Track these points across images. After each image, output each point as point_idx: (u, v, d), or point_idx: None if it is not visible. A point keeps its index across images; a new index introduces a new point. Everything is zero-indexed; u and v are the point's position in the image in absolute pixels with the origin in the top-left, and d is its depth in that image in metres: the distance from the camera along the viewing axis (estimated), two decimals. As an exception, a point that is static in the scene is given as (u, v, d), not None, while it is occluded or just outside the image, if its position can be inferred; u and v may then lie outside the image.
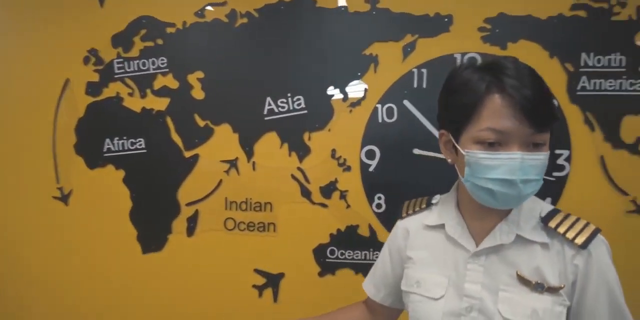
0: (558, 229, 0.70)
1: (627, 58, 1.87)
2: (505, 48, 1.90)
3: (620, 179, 1.92)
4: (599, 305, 0.67)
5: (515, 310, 0.67)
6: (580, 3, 1.87)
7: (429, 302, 0.76)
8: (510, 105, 0.63)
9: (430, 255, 0.80)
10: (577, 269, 0.68)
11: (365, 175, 1.99)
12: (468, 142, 0.69)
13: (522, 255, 0.70)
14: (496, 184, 0.65)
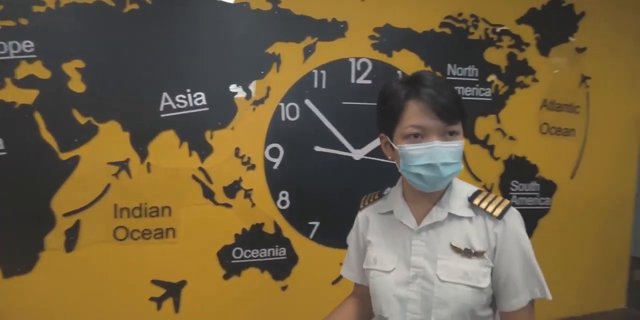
0: (480, 205, 0.84)
1: (479, 70, 2.30)
2: (391, 55, 2.14)
3: (475, 169, 2.35)
4: (514, 263, 0.82)
5: (450, 274, 0.81)
6: (446, 22, 2.22)
7: (383, 275, 0.88)
8: (425, 106, 0.78)
9: (384, 237, 0.93)
10: (497, 236, 0.82)
11: (269, 173, 2.01)
12: (399, 139, 0.83)
13: (453, 229, 0.84)
14: (422, 168, 0.79)
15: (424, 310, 0.83)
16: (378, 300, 0.89)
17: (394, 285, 0.86)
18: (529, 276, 0.83)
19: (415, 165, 0.80)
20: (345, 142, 2.11)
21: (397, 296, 0.85)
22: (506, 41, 2.34)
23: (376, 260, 0.92)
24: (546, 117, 2.47)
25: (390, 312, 0.86)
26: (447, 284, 0.80)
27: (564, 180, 2.55)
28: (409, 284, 0.84)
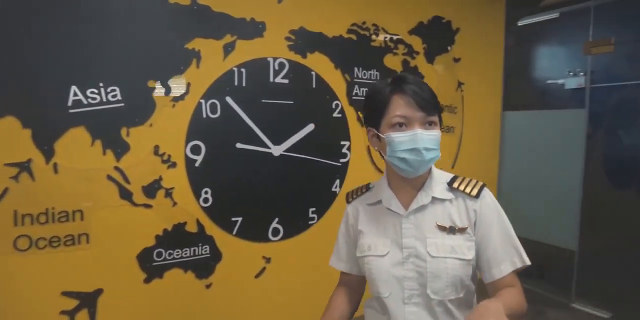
0: (459, 187, 0.95)
1: (380, 73, 2.57)
2: (306, 57, 2.27)
3: (379, 162, 2.62)
4: (492, 233, 0.92)
5: (438, 249, 0.91)
6: (352, 29, 2.43)
7: (378, 259, 0.96)
8: (408, 99, 0.89)
9: (375, 225, 1.01)
10: (475, 212, 0.93)
11: (191, 170, 1.98)
12: (385, 129, 0.92)
13: (437, 210, 0.95)
14: (407, 153, 0.89)
15: (420, 285, 0.91)
16: (376, 282, 0.96)
17: (390, 266, 0.94)
18: (507, 246, 0.92)
19: (400, 150, 0.89)
20: (265, 138, 2.17)
21: (395, 276, 0.93)
22: (401, 49, 2.65)
23: (370, 247, 0.99)
24: (432, 116, 2.86)
25: (390, 292, 0.94)
26: (438, 259, 0.90)
27: (447, 169, 2.97)
28: (404, 264, 0.93)
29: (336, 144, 2.44)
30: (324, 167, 2.39)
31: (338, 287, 1.14)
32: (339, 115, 2.42)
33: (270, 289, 2.25)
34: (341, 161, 2.46)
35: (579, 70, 4.01)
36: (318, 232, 2.38)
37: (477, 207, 0.93)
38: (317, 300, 2.40)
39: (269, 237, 2.24)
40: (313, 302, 2.39)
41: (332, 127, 2.41)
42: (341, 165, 2.46)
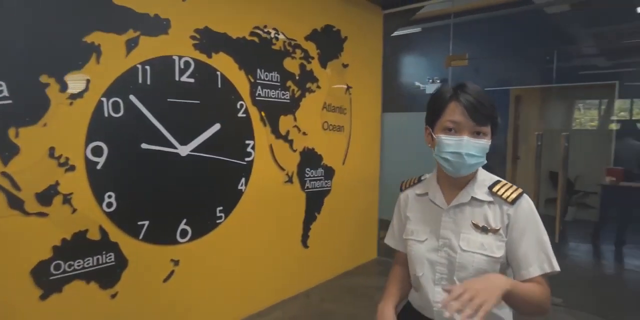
0: (498, 192, 1.03)
1: (280, 76, 2.69)
2: (211, 57, 2.27)
3: (280, 160, 2.75)
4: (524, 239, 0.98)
5: (469, 245, 1.01)
6: (255, 31, 2.51)
7: (418, 244, 1.10)
8: (462, 108, 0.98)
9: (420, 214, 1.13)
10: (509, 217, 1.00)
11: (92, 174, 1.84)
12: (438, 130, 1.03)
13: (475, 210, 1.04)
14: (451, 155, 0.99)
15: (449, 271, 1.04)
16: (413, 262, 1.11)
17: (426, 251, 1.08)
18: (538, 251, 0.98)
19: (446, 152, 1.00)
20: (171, 138, 2.12)
21: (429, 260, 1.07)
22: (298, 53, 2.81)
23: (413, 232, 1.13)
24: (326, 117, 3.10)
25: (423, 272, 1.08)
26: (467, 253, 1.01)
27: (339, 166, 3.27)
28: (438, 251, 1.06)
29: (241, 143, 2.49)
30: (230, 166, 2.43)
31: (395, 266, 1.28)
32: (244, 115, 2.48)
33: (180, 292, 2.21)
34: (246, 160, 2.52)
35: (436, 78, 4.71)
36: (226, 231, 2.41)
37: (511, 212, 1.01)
38: (227, 299, 2.45)
39: (177, 239, 2.20)
40: (223, 302, 2.43)
41: (237, 126, 2.45)
42: (246, 163, 2.53)
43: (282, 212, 2.81)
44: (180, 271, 2.21)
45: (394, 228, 1.26)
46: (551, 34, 4.48)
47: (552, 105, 5.95)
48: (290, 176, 2.85)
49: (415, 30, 4.32)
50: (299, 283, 3.01)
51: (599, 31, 4.70)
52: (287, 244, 2.88)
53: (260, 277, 2.68)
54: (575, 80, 4.74)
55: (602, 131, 5.32)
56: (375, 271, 3.53)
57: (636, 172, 3.96)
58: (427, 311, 1.10)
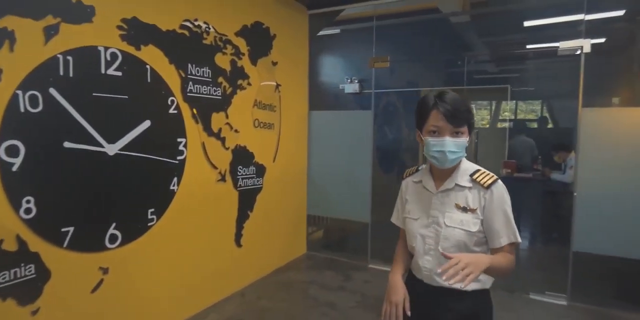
0: (477, 179, 1.24)
1: (211, 71, 2.61)
2: (140, 49, 2.13)
3: (213, 158, 2.68)
4: (495, 217, 1.21)
5: (452, 221, 1.24)
6: (185, 24, 2.40)
7: (412, 221, 1.33)
8: (441, 115, 1.19)
9: (415, 197, 1.36)
10: (485, 199, 1.23)
11: (6, 176, 1.63)
12: (425, 133, 1.24)
13: (458, 194, 1.26)
14: (437, 153, 1.21)
15: (435, 242, 1.27)
16: (410, 236, 1.34)
17: (419, 227, 1.31)
18: (507, 227, 1.23)
19: (433, 150, 1.22)
20: (97, 136, 1.96)
21: (420, 234, 1.30)
22: (229, 49, 2.76)
23: (409, 211, 1.35)
24: (257, 114, 3.08)
25: (416, 243, 1.31)
26: (449, 228, 1.25)
27: (269, 163, 3.27)
28: (428, 227, 1.29)
29: (173, 141, 2.38)
30: (161, 166, 2.31)
31: (400, 241, 1.46)
32: (175, 112, 2.37)
33: (110, 301, 2.06)
34: (178, 158, 2.42)
35: (354, 78, 4.91)
36: (159, 233, 2.29)
37: (487, 196, 1.23)
38: (161, 304, 2.33)
39: (106, 245, 2.03)
40: (157, 308, 2.31)
41: (168, 124, 2.34)
42: (178, 162, 2.42)
43: (216, 211, 2.74)
44: (110, 279, 2.05)
45: (398, 208, 1.45)
46: (457, 41, 4.95)
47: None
48: (223, 175, 2.78)
49: (338, 31, 4.47)
50: (234, 282, 2.96)
51: (494, 40, 5.30)
52: (221, 243, 2.82)
53: (195, 279, 2.59)
54: (475, 83, 5.29)
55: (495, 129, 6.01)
56: (306, 266, 3.61)
57: (527, 164, 4.57)
58: (418, 272, 1.34)
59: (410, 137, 5.81)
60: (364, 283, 3.24)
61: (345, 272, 3.45)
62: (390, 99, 5.31)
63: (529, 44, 5.20)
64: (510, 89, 4.74)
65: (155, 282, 2.31)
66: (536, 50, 5.08)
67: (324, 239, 4.18)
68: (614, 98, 4.33)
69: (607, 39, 4.15)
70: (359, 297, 2.96)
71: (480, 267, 1.05)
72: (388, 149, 5.29)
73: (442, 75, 5.74)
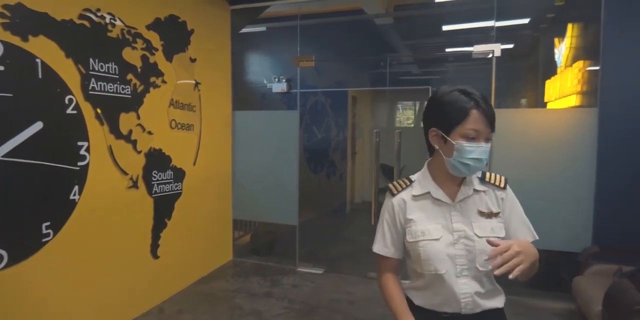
0: (490, 181, 1.15)
1: (119, 67, 2.37)
2: (27, 40, 1.86)
3: (122, 163, 2.44)
4: (514, 217, 1.14)
5: (482, 231, 1.10)
6: (85, 15, 2.15)
7: (434, 242, 1.11)
8: (482, 116, 1.04)
9: (424, 214, 1.14)
10: (502, 200, 1.15)
11: None
12: (456, 136, 1.05)
13: (477, 200, 1.14)
14: (471, 160, 1.05)
15: (468, 261, 1.09)
16: (433, 261, 1.10)
17: (444, 247, 1.10)
18: (524, 226, 1.16)
19: (468, 157, 1.05)
20: (-28, 141, 1.67)
21: (449, 255, 1.10)
22: (140, 43, 2.52)
23: (424, 232, 1.12)
24: (174, 114, 2.87)
25: (446, 268, 1.09)
26: (483, 239, 1.08)
27: (189, 167, 3.07)
28: (455, 245, 1.10)
29: (72, 145, 2.12)
30: (58, 173, 2.04)
31: (387, 274, 1.22)
32: (74, 112, 2.11)
33: (-6, 332, 1.77)
34: (79, 164, 2.16)
35: (282, 77, 4.83)
36: (57, 249, 2.03)
37: (503, 196, 1.15)
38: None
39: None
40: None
41: (65, 125, 2.07)
42: (79, 169, 2.16)
43: (127, 221, 2.50)
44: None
45: (386, 236, 1.21)
46: (381, 42, 5.05)
47: (381, 105, 6.74)
48: (134, 181, 2.55)
49: (263, 29, 4.34)
50: (151, 297, 2.73)
51: (415, 43, 5.50)
52: (134, 256, 2.58)
53: (105, 297, 2.34)
54: (399, 84, 5.44)
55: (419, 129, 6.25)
56: (232, 273, 3.45)
57: None
58: (448, 306, 1.13)
59: (339, 136, 5.86)
60: (292, 287, 3.17)
61: (273, 278, 3.35)
62: (318, 98, 5.29)
63: (448, 47, 5.46)
64: (431, 90, 4.92)
65: (55, 304, 2.04)
66: (454, 53, 5.35)
67: (251, 244, 4.04)
68: (522, 99, 4.68)
69: (515, 44, 4.46)
70: (286, 303, 2.88)
71: (530, 258, 0.95)
72: (317, 149, 5.27)
73: (367, 75, 5.84)
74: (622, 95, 2.64)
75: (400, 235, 1.18)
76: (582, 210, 2.79)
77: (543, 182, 2.84)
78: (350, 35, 4.68)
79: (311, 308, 2.82)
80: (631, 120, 2.63)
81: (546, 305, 2.84)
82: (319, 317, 2.69)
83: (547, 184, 2.84)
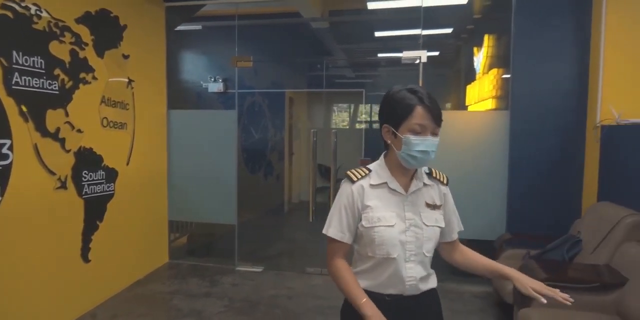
0: (436, 177, 1.27)
1: (45, 62, 2.25)
2: (-60, 29, 1.72)
3: (49, 162, 2.31)
4: (451, 210, 1.29)
5: (429, 220, 1.21)
6: (8, 4, 2.02)
7: (389, 228, 1.19)
8: (427, 112, 1.13)
9: (381, 202, 1.22)
10: (444, 195, 1.28)
11: None
12: (404, 131, 1.15)
13: (425, 192, 1.24)
14: (419, 153, 1.14)
15: (417, 247, 1.20)
16: (386, 246, 1.19)
17: (397, 233, 1.19)
18: (458, 219, 1.32)
19: (415, 150, 1.14)
20: None
21: (400, 241, 1.19)
22: (68, 37, 2.41)
23: (380, 219, 1.19)
24: (106, 112, 2.76)
25: (397, 253, 1.19)
26: (430, 227, 1.21)
27: (122, 167, 2.97)
28: (406, 232, 1.20)
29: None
30: (-24, 173, 1.90)
31: (339, 259, 1.25)
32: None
33: None
34: (1, 164, 2.02)
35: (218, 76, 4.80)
36: (-25, 255, 1.89)
37: (445, 191, 1.29)
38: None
39: None
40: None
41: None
42: (1, 168, 2.02)
43: (55, 224, 2.37)
44: None
45: (342, 221, 1.24)
46: (318, 46, 5.19)
47: (317, 107, 6.90)
48: (63, 181, 2.42)
49: (199, 27, 4.28)
50: (82, 303, 2.60)
51: (350, 47, 5.71)
52: (63, 260, 2.44)
53: (32, 306, 2.20)
54: (335, 86, 5.62)
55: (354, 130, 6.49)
56: (169, 275, 3.37)
57: None
58: (394, 288, 1.22)
59: (276, 137, 5.91)
60: (232, 286, 3.18)
61: (212, 278, 3.33)
62: (255, 99, 5.31)
63: (380, 52, 5.74)
64: (365, 93, 5.16)
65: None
66: (386, 59, 5.64)
67: (189, 245, 3.97)
68: (447, 103, 5.06)
69: (440, 52, 4.82)
70: (226, 302, 2.88)
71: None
72: (254, 150, 5.28)
73: (304, 77, 5.96)
74: (530, 99, 2.99)
75: (356, 220, 1.23)
76: (497, 203, 3.11)
77: (464, 177, 3.12)
78: (288, 37, 4.77)
79: (251, 305, 2.85)
80: (537, 122, 2.99)
81: (467, 288, 3.12)
82: (259, 313, 2.73)
83: (467, 179, 3.13)
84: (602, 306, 2.05)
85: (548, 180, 3.01)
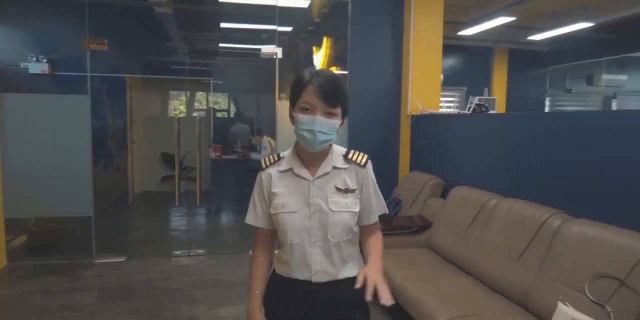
0: (352, 158, 1.21)
1: None
2: None
3: None
4: (370, 194, 1.23)
5: (337, 206, 1.18)
6: None
7: (291, 215, 1.18)
8: (315, 90, 1.10)
9: (286, 188, 1.21)
10: (361, 178, 1.21)
11: None
12: (297, 110, 1.14)
13: (336, 176, 1.20)
14: (305, 132, 1.12)
15: (322, 233, 1.18)
16: (290, 233, 1.18)
17: (300, 220, 1.17)
18: (378, 202, 1.26)
19: (301, 129, 1.12)
20: None
21: (304, 227, 1.18)
22: None
23: (283, 205, 1.18)
24: None
25: (301, 239, 1.18)
26: (336, 213, 1.18)
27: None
28: (311, 217, 1.18)
29: None
30: None
31: (259, 246, 1.29)
32: None
33: None
34: None
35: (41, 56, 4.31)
36: None
37: (363, 174, 1.23)
38: None
39: None
40: None
41: None
42: None
43: None
44: None
45: (257, 207, 1.27)
46: (162, 32, 5.04)
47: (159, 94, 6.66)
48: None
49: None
50: None
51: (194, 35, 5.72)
52: None
53: None
54: (179, 74, 5.56)
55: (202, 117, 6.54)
56: (8, 280, 3.02)
57: (245, 146, 5.35)
58: (301, 273, 1.21)
59: (115, 125, 5.54)
60: (97, 277, 3.09)
61: (71, 273, 3.14)
62: (94, 84, 4.88)
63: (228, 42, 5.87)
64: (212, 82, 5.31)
65: None
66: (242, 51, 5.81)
67: (29, 244, 3.55)
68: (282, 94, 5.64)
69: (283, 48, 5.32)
70: (96, 292, 2.82)
71: (380, 272, 1.13)
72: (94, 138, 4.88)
73: (147, 63, 5.70)
74: (362, 93, 3.73)
75: (268, 207, 1.23)
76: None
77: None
78: (131, 20, 4.55)
79: (126, 290, 2.87)
80: (368, 111, 3.77)
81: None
82: (137, 296, 2.78)
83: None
84: (418, 243, 2.88)
85: (375, 157, 3.82)
